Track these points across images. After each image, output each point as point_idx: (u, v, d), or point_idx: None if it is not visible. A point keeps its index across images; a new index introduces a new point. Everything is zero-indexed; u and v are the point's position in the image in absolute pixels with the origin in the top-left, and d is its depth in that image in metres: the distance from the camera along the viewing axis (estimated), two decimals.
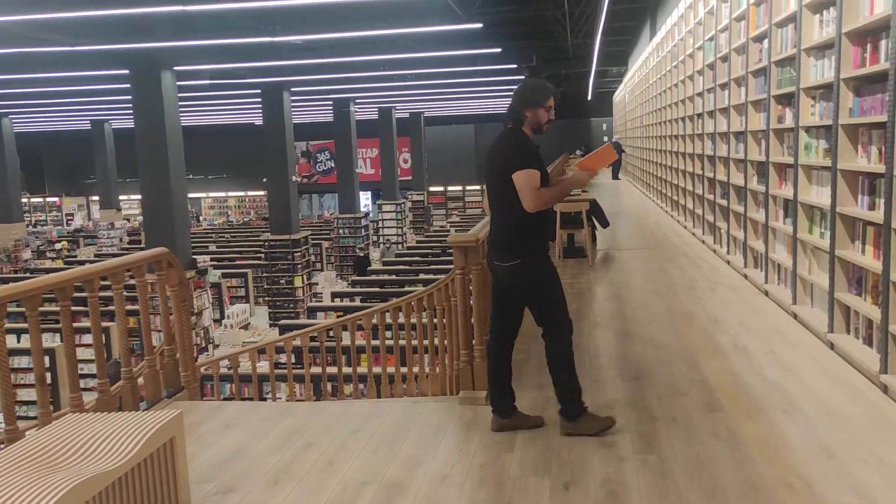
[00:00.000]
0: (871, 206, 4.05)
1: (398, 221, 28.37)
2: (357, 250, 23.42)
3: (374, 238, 27.67)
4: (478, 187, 36.36)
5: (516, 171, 3.32)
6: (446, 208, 35.81)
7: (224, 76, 16.87)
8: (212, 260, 19.72)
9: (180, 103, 21.09)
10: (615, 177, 21.81)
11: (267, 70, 16.39)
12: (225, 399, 9.54)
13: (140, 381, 4.25)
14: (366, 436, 3.62)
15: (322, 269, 23.43)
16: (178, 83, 13.70)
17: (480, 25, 11.49)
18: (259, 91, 18.12)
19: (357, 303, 13.98)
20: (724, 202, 7.70)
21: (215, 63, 14.78)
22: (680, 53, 10.46)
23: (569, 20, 16.87)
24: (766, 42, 5.88)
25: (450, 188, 36.61)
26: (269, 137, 18.33)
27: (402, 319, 5.67)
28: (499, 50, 14.52)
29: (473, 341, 4.08)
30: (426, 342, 5.70)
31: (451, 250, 4.16)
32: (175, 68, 13.07)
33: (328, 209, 36.21)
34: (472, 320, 4.08)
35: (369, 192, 35.25)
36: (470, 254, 4.01)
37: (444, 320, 4.88)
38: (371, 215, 29.21)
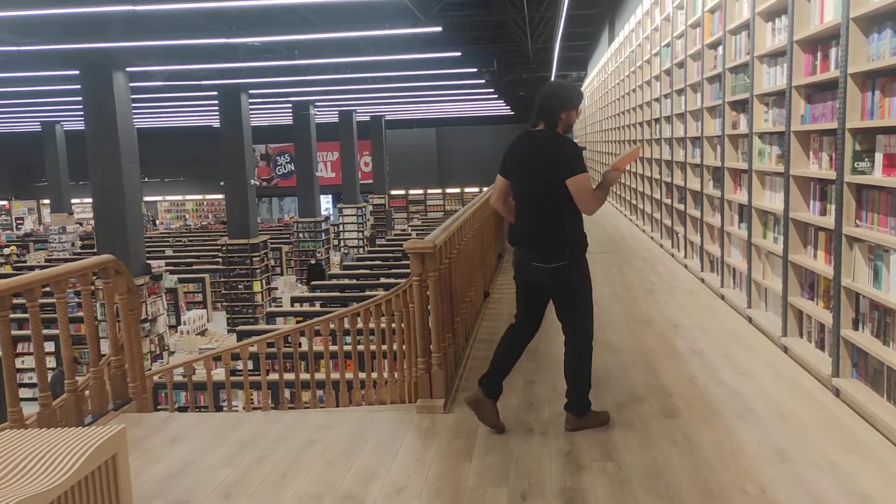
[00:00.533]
0: (823, 212, 4.10)
1: (359, 225, 28.18)
2: (312, 257, 22.87)
3: (335, 242, 27.44)
4: (439, 190, 36.38)
5: (574, 176, 3.35)
6: (408, 212, 35.73)
7: (180, 77, 16.55)
8: (168, 264, 19.34)
9: (135, 105, 20.60)
10: None
11: (224, 72, 16.12)
12: (179, 408, 9.35)
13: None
14: (320, 447, 3.54)
15: (282, 274, 23.17)
16: (132, 84, 13.38)
17: (440, 29, 11.45)
18: (216, 93, 17.82)
19: (317, 308, 13.82)
20: (681, 206, 7.78)
21: (170, 64, 14.50)
22: (638, 59, 10.56)
23: (529, 25, 16.95)
24: (720, 49, 5.95)
25: (411, 192, 36.54)
26: (227, 140, 18.03)
27: (360, 325, 5.59)
28: (459, 54, 14.51)
29: (431, 347, 4.03)
30: (385, 347, 5.63)
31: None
32: (128, 69, 12.74)
33: (288, 213, 35.86)
34: (430, 326, 4.03)
35: (330, 196, 35.02)
36: (427, 260, 3.96)
37: (403, 325, 4.82)
38: (332, 219, 28.98)
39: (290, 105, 23.40)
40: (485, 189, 9.19)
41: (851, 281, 3.64)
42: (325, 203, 34.71)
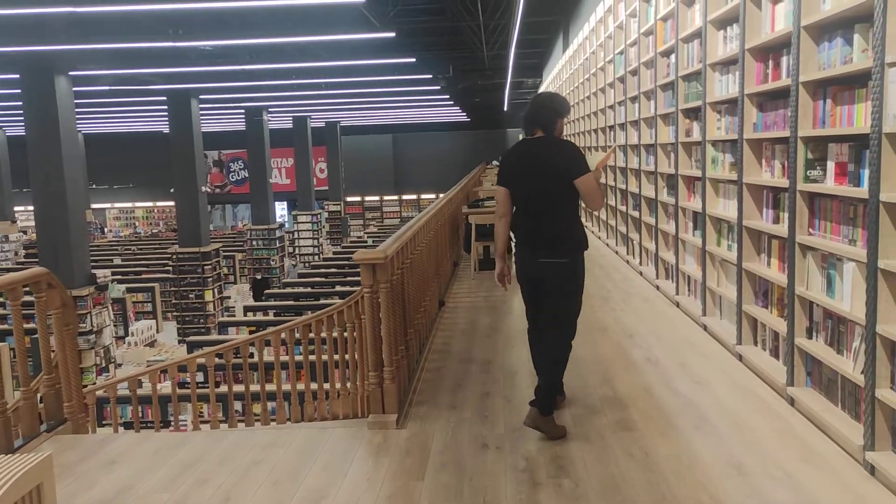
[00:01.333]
0: (776, 220, 4.10)
1: (314, 232, 27.83)
2: (259, 272, 22.10)
3: (290, 250, 27.06)
4: (395, 197, 36.21)
5: (583, 176, 3.56)
6: (364, 219, 35.47)
7: (127, 82, 16.10)
8: (116, 273, 18.78)
9: (81, 110, 19.94)
10: None
11: (173, 76, 15.75)
12: (125, 423, 9.02)
13: None
14: (267, 467, 3.38)
15: (235, 282, 22.74)
16: (76, 88, 12.97)
17: (394, 35, 11.34)
18: (165, 98, 17.40)
19: (270, 317, 13.54)
20: (636, 213, 7.80)
21: (116, 68, 14.07)
22: (592, 66, 10.61)
23: (484, 32, 16.94)
24: (673, 57, 5.96)
25: (367, 198, 36.30)
26: (177, 146, 17.61)
27: (312, 335, 5.43)
28: (413, 60, 14.41)
29: (384, 360, 3.90)
30: (337, 357, 5.47)
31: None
32: (71, 73, 12.34)
33: (242, 220, 35.26)
34: (382, 339, 3.90)
35: (285, 203, 34.56)
36: (378, 271, 3.83)
37: (356, 334, 4.69)
38: (286, 226, 28.58)
39: (243, 111, 23.01)
40: (440, 195, 9.11)
41: (805, 289, 3.63)
42: (281, 210, 34.24)
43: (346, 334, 4.97)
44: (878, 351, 2.92)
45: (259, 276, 18.81)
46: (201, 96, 18.23)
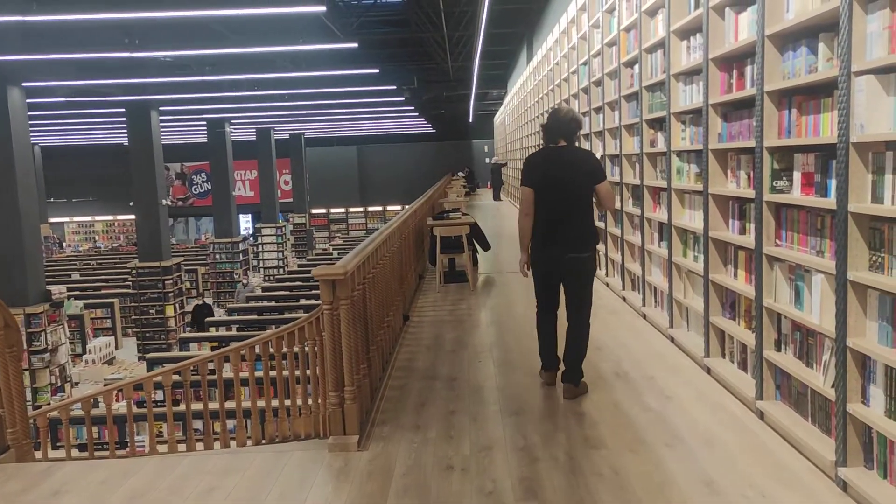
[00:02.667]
0: (742, 231, 4.06)
1: (279, 245, 27.47)
2: (199, 297, 21.09)
3: (255, 263, 26.67)
4: (361, 209, 35.99)
5: (605, 181, 4.21)
6: (329, 231, 35.17)
7: (84, 93, 15.72)
8: (74, 289, 18.29)
9: (39, 122, 19.45)
10: (496, 198, 22.04)
11: (132, 87, 15.40)
12: (79, 444, 8.71)
13: None
14: (221, 495, 3.21)
15: (198, 297, 22.29)
16: (31, 100, 12.61)
17: (356, 45, 11.22)
18: (124, 109, 17.03)
19: (233, 332, 13.25)
20: (601, 224, 7.75)
21: (72, 79, 13.72)
22: (556, 77, 10.61)
23: (448, 43, 16.94)
24: (636, 67, 5.94)
25: (333, 210, 36.02)
26: (136, 159, 17.22)
27: (272, 351, 5.25)
28: (377, 70, 14.29)
29: (345, 380, 3.76)
30: (298, 373, 5.30)
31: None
32: (24, 84, 11.99)
33: (205, 233, 34.72)
34: (343, 356, 3.76)
35: (249, 215, 34.14)
36: (338, 287, 3.69)
37: (317, 349, 4.53)
38: (250, 239, 28.18)
39: (205, 122, 22.65)
40: (406, 207, 8.98)
41: (773, 301, 3.58)
42: (245, 223, 33.82)
43: (307, 349, 4.82)
44: (848, 365, 2.87)
45: (201, 302, 17.62)
46: (161, 108, 17.86)
